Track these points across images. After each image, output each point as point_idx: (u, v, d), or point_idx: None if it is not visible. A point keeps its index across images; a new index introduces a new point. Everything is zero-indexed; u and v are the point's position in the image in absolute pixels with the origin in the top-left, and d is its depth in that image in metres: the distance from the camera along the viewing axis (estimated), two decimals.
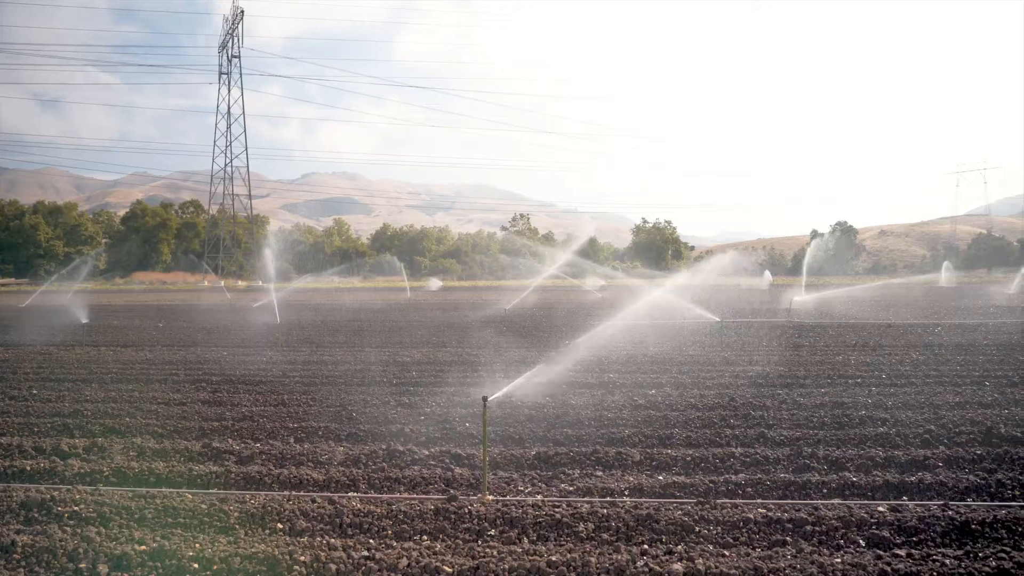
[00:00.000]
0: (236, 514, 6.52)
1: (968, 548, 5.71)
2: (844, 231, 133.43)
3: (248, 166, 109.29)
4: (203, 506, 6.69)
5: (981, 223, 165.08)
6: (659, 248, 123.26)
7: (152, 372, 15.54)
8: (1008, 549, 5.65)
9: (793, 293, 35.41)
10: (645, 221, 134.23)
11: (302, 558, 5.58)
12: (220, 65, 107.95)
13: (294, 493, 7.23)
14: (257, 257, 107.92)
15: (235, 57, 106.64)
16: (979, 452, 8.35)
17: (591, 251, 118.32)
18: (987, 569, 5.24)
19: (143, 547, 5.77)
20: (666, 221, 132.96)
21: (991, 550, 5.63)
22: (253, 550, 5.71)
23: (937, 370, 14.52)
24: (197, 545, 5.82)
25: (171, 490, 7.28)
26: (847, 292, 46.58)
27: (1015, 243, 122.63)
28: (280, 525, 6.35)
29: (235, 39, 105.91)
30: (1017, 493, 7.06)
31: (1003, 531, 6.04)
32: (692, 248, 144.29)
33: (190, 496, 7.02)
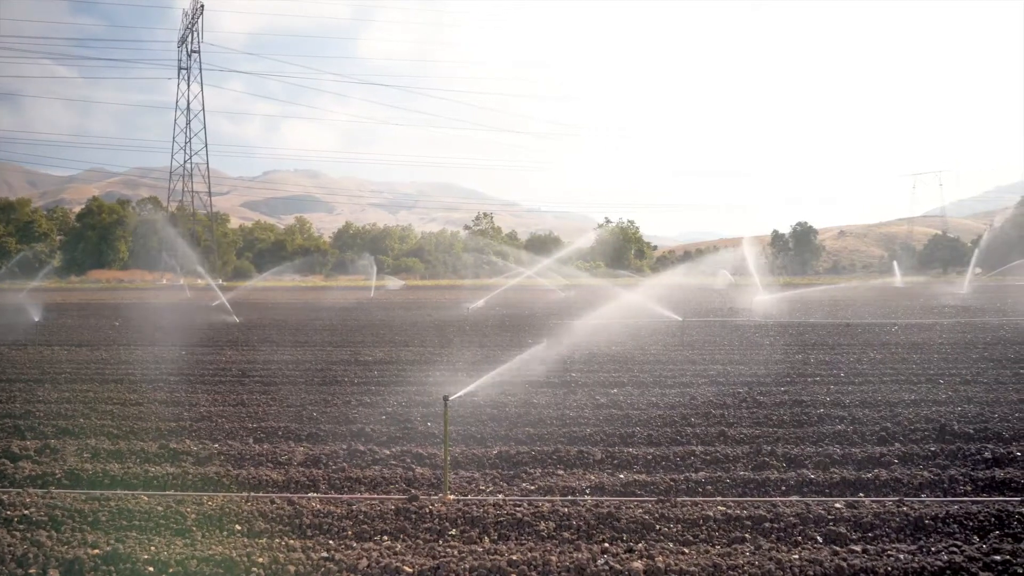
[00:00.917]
0: (193, 516, 6.42)
1: (921, 543, 5.80)
2: (804, 231, 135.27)
3: (208, 163, 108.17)
4: (159, 508, 6.58)
5: (936, 224, 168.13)
6: (622, 248, 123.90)
7: (107, 372, 15.27)
8: (959, 543, 5.75)
9: (753, 293, 35.79)
10: (608, 221, 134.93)
11: (260, 560, 5.51)
12: (180, 60, 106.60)
13: (253, 494, 7.14)
14: (218, 255, 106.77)
15: (195, 52, 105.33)
16: (933, 449, 8.49)
17: (555, 250, 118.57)
18: (939, 563, 5.33)
19: (96, 551, 5.66)
20: (629, 221, 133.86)
21: (943, 544, 5.73)
22: (210, 552, 5.63)
23: (894, 368, 14.75)
24: (152, 548, 5.72)
25: (126, 492, 7.15)
26: (806, 292, 47.24)
27: (968, 243, 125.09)
28: (238, 526, 6.26)
29: (195, 34, 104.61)
30: (969, 488, 7.19)
31: (955, 525, 6.15)
32: (655, 248, 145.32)
33: (146, 498, 6.90)
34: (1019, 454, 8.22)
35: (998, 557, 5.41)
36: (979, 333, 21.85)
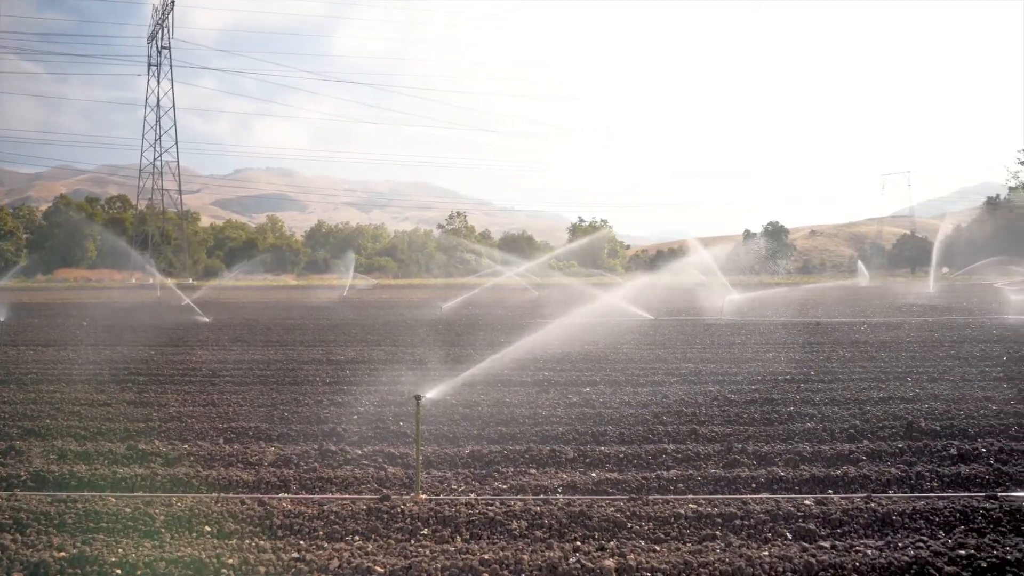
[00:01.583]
0: (162, 517, 6.36)
1: (888, 538, 5.87)
2: (776, 231, 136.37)
3: (178, 160, 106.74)
4: (127, 510, 6.50)
5: (905, 224, 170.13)
6: (595, 247, 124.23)
7: (75, 372, 15.08)
8: (925, 538, 5.83)
9: (724, 292, 36.01)
10: (581, 220, 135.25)
11: (230, 561, 5.46)
12: (149, 56, 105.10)
13: (223, 495, 7.07)
14: (188, 253, 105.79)
15: (165, 48, 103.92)
16: (901, 446, 8.59)
17: (528, 249, 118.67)
18: (906, 558, 5.40)
19: (62, 554, 5.58)
20: (602, 220, 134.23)
21: (910, 540, 5.80)
22: (179, 554, 5.58)
23: (862, 367, 14.92)
24: (120, 550, 5.65)
25: (93, 494, 7.06)
26: (777, 292, 47.64)
27: (937, 243, 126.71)
28: (208, 528, 6.21)
29: (165, 30, 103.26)
30: (935, 484, 7.29)
31: (921, 521, 6.23)
32: (628, 247, 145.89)
33: (113, 500, 6.82)
34: (984, 450, 8.35)
35: (963, 552, 5.48)
36: (946, 332, 22.16)
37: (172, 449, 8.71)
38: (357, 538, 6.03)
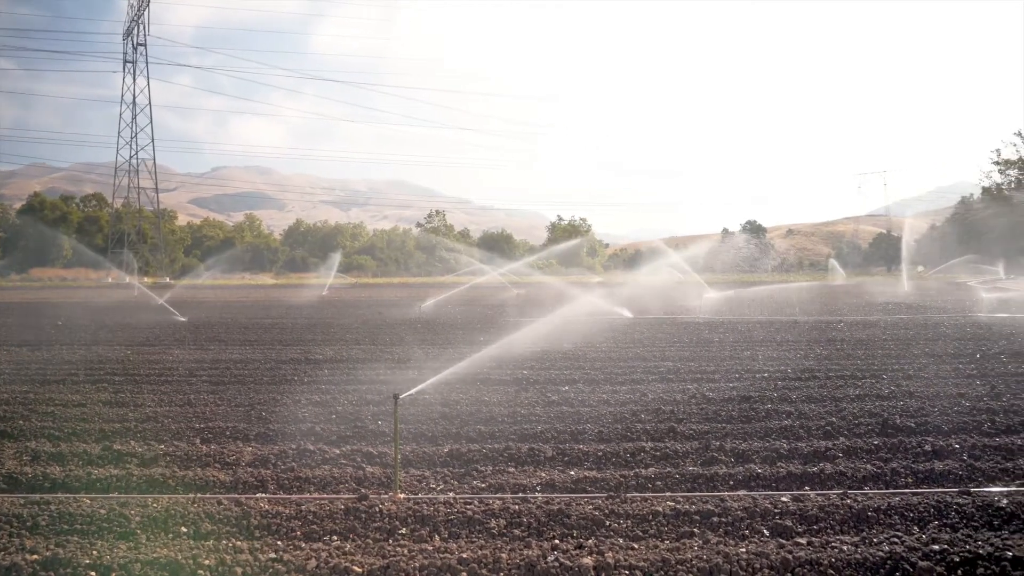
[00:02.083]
0: (137, 519, 6.30)
1: (864, 534, 5.92)
2: (753, 230, 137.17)
3: (155, 158, 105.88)
4: (102, 511, 6.44)
5: (881, 223, 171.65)
6: (573, 246, 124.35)
7: (49, 372, 14.92)
8: (900, 534, 5.88)
9: (702, 291, 36.23)
10: (560, 219, 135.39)
11: (206, 562, 5.43)
12: (125, 53, 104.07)
13: (199, 495, 7.02)
14: (165, 252, 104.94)
15: (141, 45, 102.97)
16: (876, 442, 8.67)
17: (507, 248, 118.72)
18: (881, 554, 5.45)
19: (35, 556, 5.52)
20: (581, 219, 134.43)
21: (885, 535, 5.86)
22: (155, 555, 5.53)
23: (839, 364, 15.05)
24: (95, 552, 5.60)
25: (67, 495, 6.99)
26: (754, 290, 47.93)
27: (912, 242, 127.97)
28: (184, 528, 6.16)
29: (141, 26, 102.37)
30: (910, 481, 7.36)
31: (896, 517, 6.29)
32: (607, 246, 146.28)
33: (88, 501, 6.76)
34: (957, 447, 8.44)
35: (936, 547, 5.54)
36: (920, 330, 22.38)
37: (148, 450, 8.64)
38: (335, 538, 6.01)
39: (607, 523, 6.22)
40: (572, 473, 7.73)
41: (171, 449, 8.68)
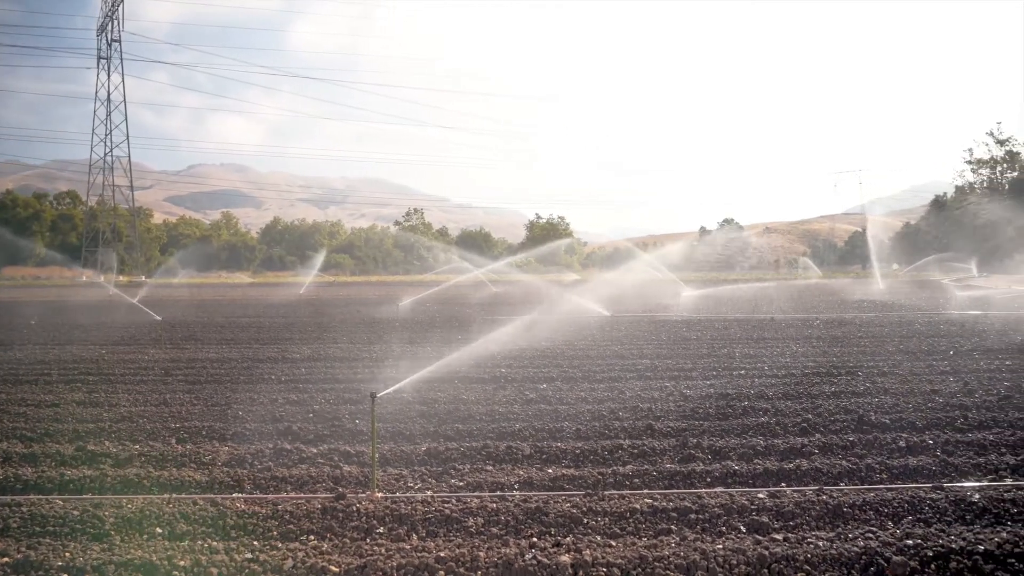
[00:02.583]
0: (111, 520, 6.24)
1: (839, 530, 5.97)
2: (731, 228, 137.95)
3: (130, 155, 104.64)
4: (75, 512, 6.37)
5: (856, 221, 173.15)
6: (558, 246, 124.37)
7: (22, 372, 14.73)
8: (875, 529, 5.94)
9: (679, 289, 36.40)
10: (539, 217, 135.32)
11: (182, 563, 5.38)
12: (99, 49, 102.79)
13: (175, 496, 6.97)
14: (141, 251, 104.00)
15: (115, 41, 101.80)
16: (851, 439, 8.75)
17: (486, 246, 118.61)
18: (856, 549, 5.50)
19: (6, 559, 5.45)
20: (560, 217, 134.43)
21: (860, 531, 5.91)
22: (129, 556, 5.48)
23: (815, 361, 15.16)
24: (67, 554, 5.54)
25: (39, 497, 6.91)
26: (732, 288, 48.19)
27: (886, 240, 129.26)
28: (159, 529, 6.11)
29: (115, 22, 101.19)
30: (884, 476, 7.43)
31: (871, 512, 6.36)
32: (585, 244, 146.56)
33: (60, 502, 6.68)
34: (931, 442, 8.53)
35: (910, 541, 5.60)
36: (894, 327, 22.60)
37: (122, 450, 8.56)
38: (312, 537, 5.98)
39: (585, 521, 6.23)
40: (550, 471, 7.73)
41: (146, 449, 8.61)
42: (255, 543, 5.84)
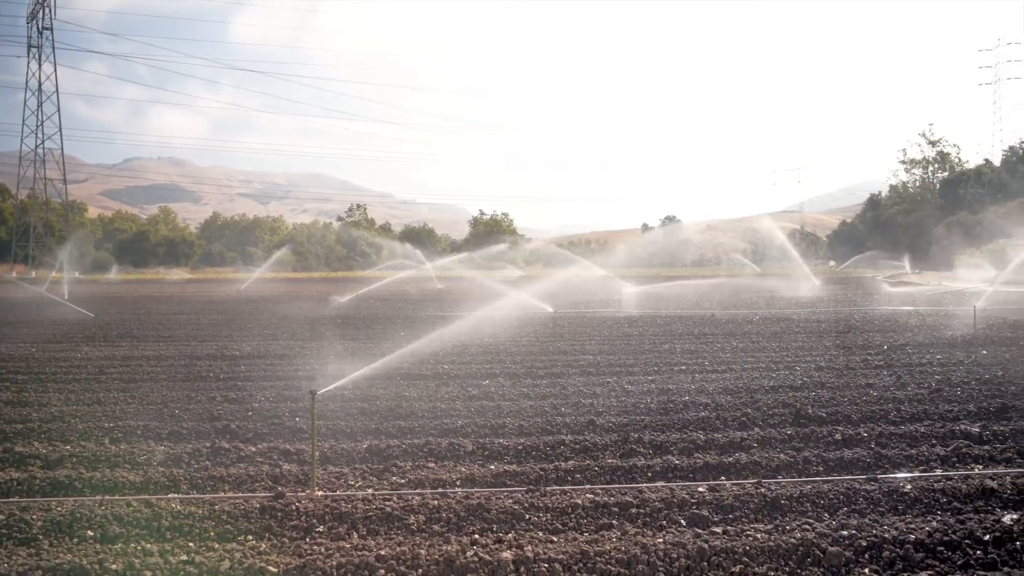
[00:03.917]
0: (40, 523, 6.05)
1: (777, 522, 6.07)
2: (673, 225, 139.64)
3: (62, 148, 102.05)
4: (0, 516, 6.16)
5: (795, 219, 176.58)
6: (496, 240, 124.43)
7: None
8: (812, 521, 6.05)
9: (621, 286, 36.65)
10: (482, 213, 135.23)
11: (114, 566, 5.24)
12: (29, 37, 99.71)
13: (107, 497, 6.79)
14: (74, 246, 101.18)
15: (47, 29, 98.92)
16: (789, 432, 8.90)
17: (429, 242, 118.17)
18: (792, 540, 5.59)
19: None
20: (503, 213, 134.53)
21: (797, 522, 6.02)
22: (58, 561, 5.32)
23: (754, 357, 15.41)
24: None
25: None
26: (674, 285, 48.70)
27: (824, 238, 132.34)
28: (90, 532, 5.94)
29: (47, 9, 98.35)
30: (821, 469, 7.58)
31: (808, 504, 6.47)
32: (529, 240, 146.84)
33: None
34: (866, 435, 8.72)
35: (845, 532, 5.71)
36: (831, 323, 23.09)
37: (53, 451, 8.31)
38: (250, 538, 5.88)
39: (527, 517, 6.24)
40: (492, 467, 7.72)
41: (78, 450, 8.37)
42: (191, 544, 5.72)
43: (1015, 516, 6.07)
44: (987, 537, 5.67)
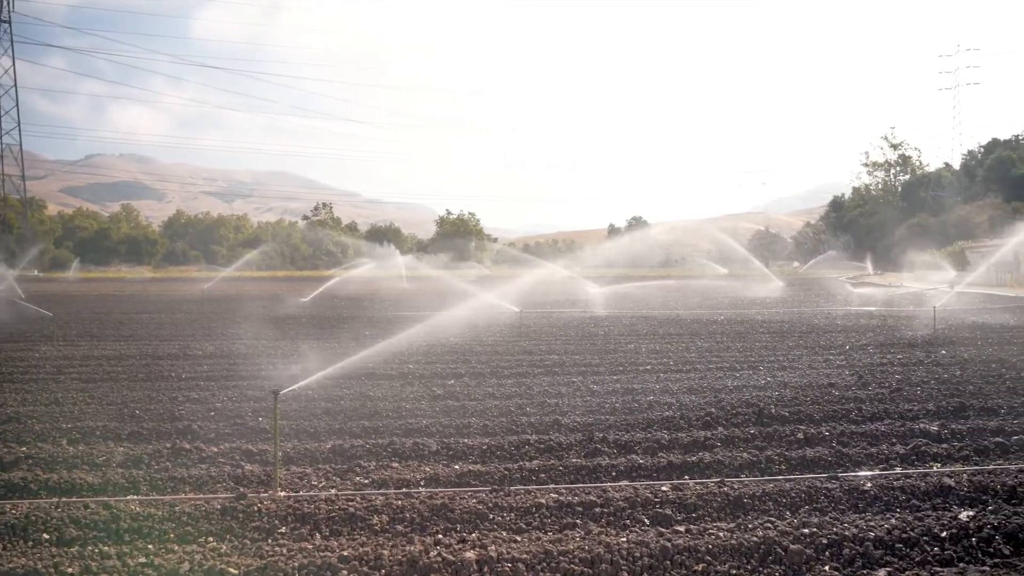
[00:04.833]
0: None
1: (740, 520, 6.11)
2: (639, 226, 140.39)
3: (21, 144, 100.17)
4: None
5: (760, 220, 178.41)
6: (463, 240, 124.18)
7: None
8: (774, 519, 6.11)
9: (587, 286, 36.75)
10: (449, 213, 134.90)
11: (70, 570, 5.15)
12: None
13: (64, 499, 6.66)
14: (33, 244, 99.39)
15: (4, 22, 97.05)
16: (752, 432, 8.98)
17: (396, 242, 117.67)
18: (755, 538, 5.63)
19: None
20: (470, 213, 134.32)
21: (759, 521, 6.07)
22: (11, 565, 5.21)
23: (718, 356, 15.53)
24: None
25: None
26: (639, 285, 48.95)
27: (788, 239, 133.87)
28: (46, 535, 5.83)
29: (5, 2, 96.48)
30: (783, 468, 7.65)
31: (770, 503, 6.53)
32: (495, 240, 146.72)
33: None
34: (827, 434, 8.82)
35: (807, 530, 5.77)
36: (794, 323, 23.34)
37: (8, 453, 8.14)
38: (211, 539, 5.80)
39: (491, 516, 6.22)
40: (457, 467, 7.69)
41: (34, 451, 8.21)
42: (150, 546, 5.63)
43: (971, 513, 6.18)
44: (944, 534, 5.76)
